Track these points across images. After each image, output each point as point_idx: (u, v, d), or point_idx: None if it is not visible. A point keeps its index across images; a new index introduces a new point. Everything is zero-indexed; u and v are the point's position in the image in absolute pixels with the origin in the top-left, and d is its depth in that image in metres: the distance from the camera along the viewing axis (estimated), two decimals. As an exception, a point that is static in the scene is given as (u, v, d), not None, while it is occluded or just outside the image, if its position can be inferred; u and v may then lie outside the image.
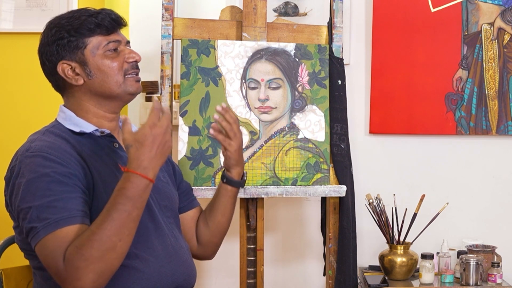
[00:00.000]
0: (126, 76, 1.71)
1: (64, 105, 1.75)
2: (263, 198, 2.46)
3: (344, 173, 2.49)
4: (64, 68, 1.69)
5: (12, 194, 1.59)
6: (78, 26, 1.67)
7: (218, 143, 1.97)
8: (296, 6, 2.85)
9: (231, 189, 1.98)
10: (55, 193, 1.53)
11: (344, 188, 2.43)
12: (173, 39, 2.47)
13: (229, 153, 1.94)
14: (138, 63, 1.75)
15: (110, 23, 1.70)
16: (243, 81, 2.46)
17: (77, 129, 1.68)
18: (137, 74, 1.74)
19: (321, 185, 2.45)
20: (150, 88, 2.87)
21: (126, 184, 1.50)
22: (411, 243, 2.62)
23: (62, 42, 1.68)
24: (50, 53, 1.70)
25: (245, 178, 2.03)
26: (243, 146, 2.43)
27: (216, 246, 2.02)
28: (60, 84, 1.73)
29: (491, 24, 2.81)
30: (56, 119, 1.74)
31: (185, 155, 2.38)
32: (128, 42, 1.76)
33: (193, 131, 2.41)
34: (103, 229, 1.46)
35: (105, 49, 1.69)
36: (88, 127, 1.69)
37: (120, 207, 1.48)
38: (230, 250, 2.74)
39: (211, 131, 1.91)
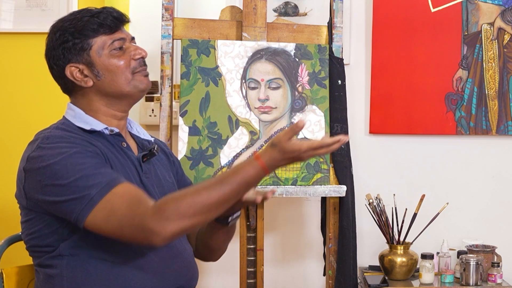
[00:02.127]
0: (135, 74, 1.71)
1: (72, 103, 1.75)
2: (263, 198, 2.46)
3: (344, 173, 2.49)
4: (72, 71, 1.68)
5: (35, 180, 1.57)
6: (82, 28, 1.67)
7: None
8: (296, 6, 2.85)
9: (214, 223, 1.87)
10: (92, 164, 1.55)
11: (344, 188, 2.43)
12: (173, 39, 2.47)
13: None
14: (145, 59, 1.75)
15: (113, 21, 1.69)
16: (243, 81, 2.46)
17: (87, 127, 1.68)
18: (145, 70, 1.74)
19: (321, 185, 2.45)
20: (150, 88, 2.87)
21: (249, 169, 1.55)
22: (411, 243, 2.62)
23: (67, 45, 1.67)
24: (57, 57, 1.69)
25: (230, 220, 1.86)
26: (244, 147, 2.43)
27: (219, 256, 2.00)
28: (69, 87, 1.72)
29: (491, 24, 2.81)
30: (64, 116, 1.73)
31: (185, 155, 2.38)
32: (133, 38, 1.75)
33: (193, 131, 2.41)
34: (209, 194, 1.51)
35: (110, 48, 1.68)
36: (98, 125, 1.69)
37: (234, 186, 1.53)
38: (230, 250, 2.72)
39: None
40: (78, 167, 1.53)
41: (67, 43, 1.67)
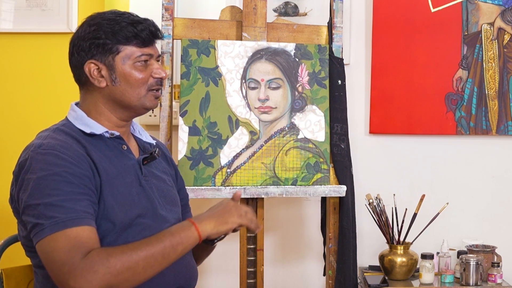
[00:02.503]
0: (149, 91, 1.71)
1: (75, 103, 1.75)
2: (263, 198, 2.46)
3: (344, 173, 2.49)
4: (91, 67, 1.68)
5: (21, 189, 1.58)
6: (117, 31, 1.67)
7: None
8: (296, 6, 2.85)
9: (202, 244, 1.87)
10: (64, 193, 1.53)
11: (344, 188, 2.43)
12: (173, 39, 2.47)
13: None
14: (163, 80, 1.77)
15: (148, 36, 1.70)
16: (243, 81, 2.46)
17: (87, 130, 1.68)
18: (158, 90, 1.75)
19: (321, 185, 2.45)
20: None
21: (179, 225, 1.63)
22: (411, 243, 2.62)
23: (97, 42, 1.67)
24: (82, 48, 1.68)
25: (216, 241, 1.87)
26: (244, 147, 2.43)
27: None
28: (82, 80, 1.72)
29: (491, 24, 2.81)
30: (66, 117, 1.73)
31: (185, 155, 2.38)
32: (159, 56, 1.76)
33: (193, 131, 2.41)
34: (136, 249, 1.52)
35: (136, 60, 1.69)
36: (99, 129, 1.69)
37: (161, 238, 1.56)
38: (230, 250, 2.74)
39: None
40: (48, 192, 1.53)
41: (98, 40, 1.67)
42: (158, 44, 1.77)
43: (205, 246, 1.88)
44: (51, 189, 1.53)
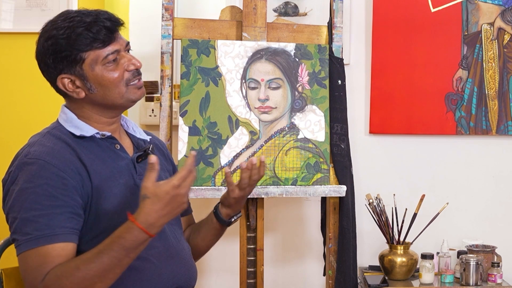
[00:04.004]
0: (129, 86, 1.67)
1: (65, 105, 1.74)
2: (263, 198, 2.46)
3: (344, 173, 2.49)
4: (64, 82, 1.65)
5: (5, 199, 1.59)
6: (74, 41, 1.61)
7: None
8: (296, 6, 2.85)
9: (216, 222, 1.92)
10: (42, 208, 1.52)
11: (344, 188, 2.43)
12: (173, 39, 2.47)
13: (229, 197, 1.87)
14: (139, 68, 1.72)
15: (106, 35, 1.63)
16: (243, 81, 2.46)
17: (77, 132, 1.66)
18: (139, 80, 1.69)
19: (321, 185, 2.45)
20: (150, 88, 2.87)
21: (126, 235, 1.49)
22: (411, 243, 2.62)
23: (59, 56, 1.63)
24: (48, 65, 1.65)
25: (233, 220, 1.92)
26: (243, 147, 2.43)
27: (199, 257, 1.99)
28: (61, 93, 1.70)
29: (491, 24, 2.81)
30: (57, 119, 1.72)
31: (185, 155, 2.38)
32: (127, 44, 1.70)
33: (193, 131, 2.41)
34: (88, 269, 1.47)
35: (104, 62, 1.63)
36: (89, 131, 1.67)
37: (113, 254, 1.48)
38: (230, 250, 2.75)
39: (227, 170, 1.87)
40: (26, 206, 1.52)
41: (60, 53, 1.62)
42: (123, 30, 1.69)
43: (220, 227, 1.88)
44: (30, 202, 1.52)
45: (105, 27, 1.63)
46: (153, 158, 1.50)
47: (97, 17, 1.64)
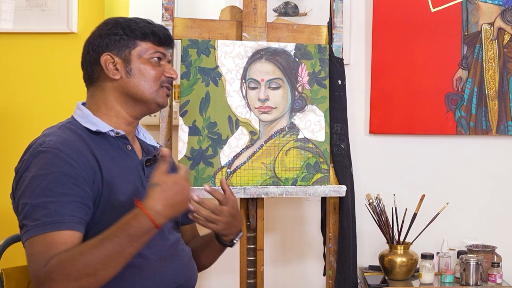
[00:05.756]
0: (161, 88, 1.75)
1: (81, 103, 1.76)
2: (263, 198, 2.46)
3: (344, 173, 2.49)
4: (107, 59, 1.71)
5: (17, 186, 1.60)
6: (135, 28, 1.73)
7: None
8: (296, 6, 2.85)
9: (218, 245, 1.92)
10: (53, 195, 1.53)
11: (344, 188, 2.43)
12: (173, 39, 2.47)
13: (217, 230, 1.85)
14: (173, 82, 1.82)
15: (164, 36, 1.76)
16: (243, 81, 2.46)
17: (93, 128, 1.69)
18: (169, 89, 1.79)
19: (321, 185, 2.45)
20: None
21: (132, 221, 1.50)
22: (411, 243, 2.62)
23: (114, 38, 1.72)
24: (99, 43, 1.73)
25: (235, 242, 1.93)
26: (244, 147, 2.43)
27: (200, 271, 1.99)
28: (95, 75, 1.74)
29: (491, 24, 2.81)
30: (72, 116, 1.74)
31: (185, 155, 2.39)
32: (170, 61, 1.82)
33: (193, 131, 2.41)
34: (91, 254, 1.48)
35: (151, 56, 1.74)
36: (104, 127, 1.70)
37: (117, 240, 1.48)
38: (230, 250, 2.73)
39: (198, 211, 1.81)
40: (38, 192, 1.54)
41: (116, 35, 1.72)
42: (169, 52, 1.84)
43: (222, 247, 1.91)
44: (41, 189, 1.53)
45: (165, 32, 1.78)
46: (165, 151, 1.58)
47: (162, 26, 1.79)
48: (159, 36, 1.75)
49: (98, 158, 1.63)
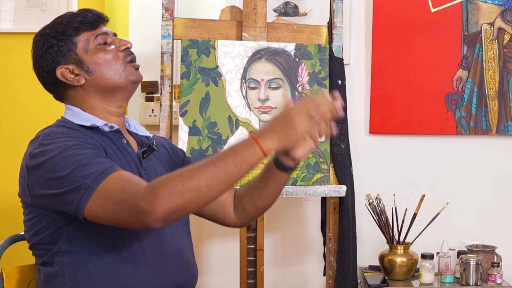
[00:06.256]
0: (125, 65, 1.71)
1: (69, 103, 1.75)
2: (263, 198, 2.46)
3: (344, 173, 2.49)
4: (63, 72, 1.69)
5: (38, 176, 1.57)
6: (63, 29, 1.68)
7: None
8: (296, 6, 2.85)
9: (283, 175, 1.76)
10: (89, 155, 1.53)
11: (344, 188, 2.43)
12: (173, 39, 2.47)
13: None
14: (132, 50, 1.75)
15: (93, 18, 1.71)
16: (243, 81, 2.46)
17: (87, 123, 1.68)
18: (134, 61, 1.73)
19: (321, 185, 2.45)
20: (150, 88, 2.87)
21: (241, 142, 1.51)
22: (411, 243, 2.62)
23: (53, 50, 1.68)
24: (46, 63, 1.70)
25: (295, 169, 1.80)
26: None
27: (256, 217, 1.93)
28: (61, 91, 1.73)
29: (491, 24, 2.81)
30: (62, 117, 1.73)
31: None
32: (115, 34, 1.76)
33: (193, 131, 2.41)
34: (196, 170, 1.46)
35: (95, 43, 1.69)
36: (98, 121, 1.69)
37: (223, 157, 1.48)
38: (230, 250, 2.75)
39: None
40: (75, 158, 1.53)
41: (52, 47, 1.68)
42: (124, 31, 1.77)
43: (283, 175, 1.75)
44: (76, 155, 1.53)
45: (92, 13, 1.71)
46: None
47: (82, 9, 1.72)
48: (89, 22, 1.70)
49: (103, 146, 1.64)
